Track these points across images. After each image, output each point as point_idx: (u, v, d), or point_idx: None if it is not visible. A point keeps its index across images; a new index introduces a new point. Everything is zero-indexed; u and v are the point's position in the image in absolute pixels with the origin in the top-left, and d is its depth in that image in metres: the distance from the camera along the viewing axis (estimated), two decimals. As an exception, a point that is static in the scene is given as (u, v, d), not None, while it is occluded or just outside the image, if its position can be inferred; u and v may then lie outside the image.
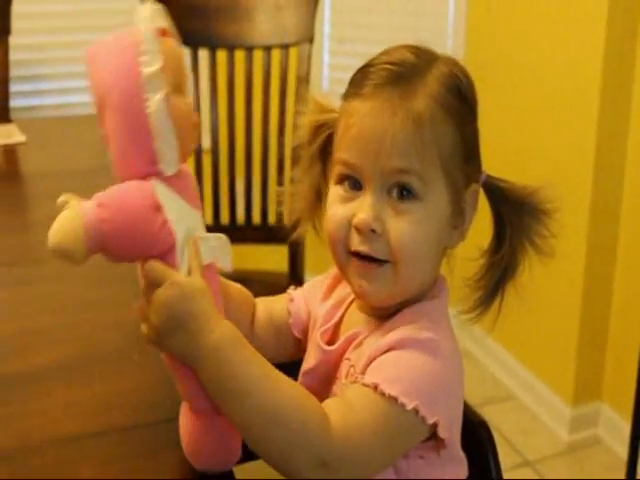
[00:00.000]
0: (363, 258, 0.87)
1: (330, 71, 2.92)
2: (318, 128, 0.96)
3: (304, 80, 2.18)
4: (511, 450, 2.39)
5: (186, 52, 2.16)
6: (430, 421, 0.81)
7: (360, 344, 0.90)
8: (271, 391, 0.79)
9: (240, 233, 2.27)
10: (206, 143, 2.21)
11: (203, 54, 2.25)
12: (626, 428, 2.05)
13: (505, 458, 2.31)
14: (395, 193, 0.86)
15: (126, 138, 0.84)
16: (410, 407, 0.80)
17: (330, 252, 0.90)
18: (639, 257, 2.10)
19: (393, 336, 0.85)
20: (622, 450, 2.17)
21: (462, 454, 0.95)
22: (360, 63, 0.91)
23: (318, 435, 0.78)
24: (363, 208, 0.85)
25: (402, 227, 0.85)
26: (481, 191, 0.93)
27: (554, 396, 2.47)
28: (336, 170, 0.89)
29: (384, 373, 0.83)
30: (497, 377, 2.73)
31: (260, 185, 2.23)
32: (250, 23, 2.17)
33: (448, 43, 2.75)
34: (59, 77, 2.80)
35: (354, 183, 0.87)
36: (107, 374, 1.04)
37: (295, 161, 1.01)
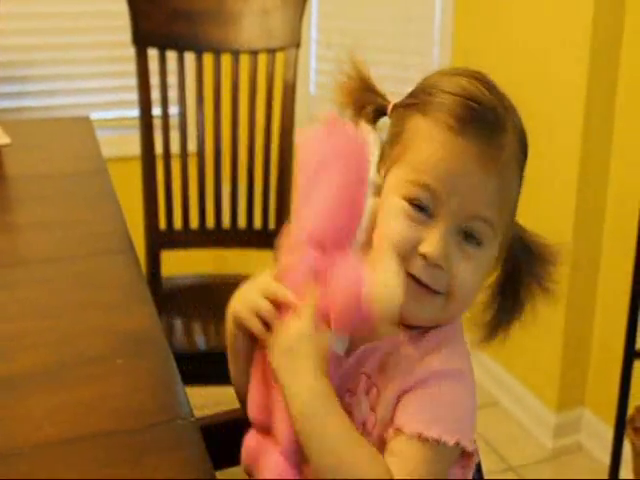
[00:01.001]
0: (417, 281, 0.87)
1: (317, 76, 2.92)
2: (362, 106, 0.95)
3: (291, 85, 2.19)
4: (495, 456, 2.39)
5: (172, 56, 2.16)
6: (470, 449, 0.85)
7: (383, 364, 0.89)
8: (349, 452, 0.81)
9: (226, 237, 2.27)
10: (192, 147, 2.21)
11: (189, 58, 2.25)
12: (609, 434, 2.06)
13: (489, 464, 2.32)
14: (464, 235, 0.87)
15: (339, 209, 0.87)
16: (452, 443, 0.83)
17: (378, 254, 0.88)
18: (622, 266, 2.11)
19: (420, 372, 0.86)
20: (605, 456, 2.17)
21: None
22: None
23: None
24: (434, 239, 0.85)
25: (467, 272, 0.87)
26: None
27: (538, 403, 2.48)
28: (410, 189, 0.87)
29: (420, 415, 0.84)
30: (482, 384, 2.73)
31: (246, 189, 2.23)
32: (237, 27, 2.17)
33: (434, 50, 2.75)
34: (45, 79, 2.79)
35: (425, 208, 0.86)
36: (90, 379, 1.04)
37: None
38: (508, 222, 0.90)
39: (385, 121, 0.96)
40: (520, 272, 0.94)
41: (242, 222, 2.26)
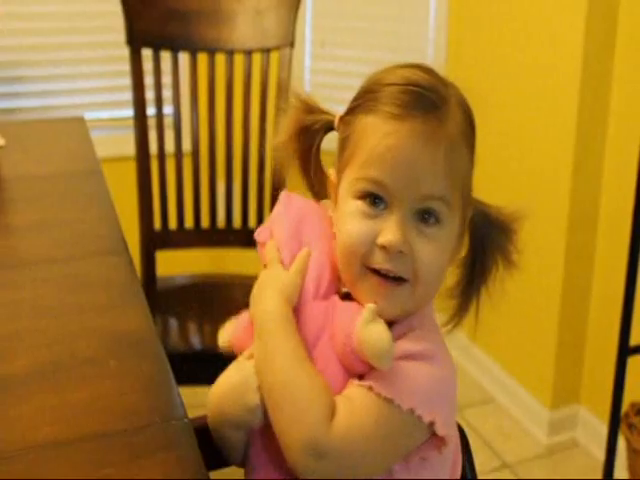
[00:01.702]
0: (382, 275, 0.88)
1: (312, 75, 2.92)
2: (305, 129, 0.97)
3: (285, 84, 2.19)
4: (490, 453, 2.40)
5: (166, 55, 2.17)
6: (427, 420, 0.84)
7: None
8: (295, 368, 0.86)
9: (221, 237, 2.27)
10: (187, 146, 2.21)
11: (184, 57, 2.25)
12: (603, 431, 2.07)
13: (484, 461, 2.33)
14: (420, 216, 0.88)
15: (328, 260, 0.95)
16: (406, 408, 0.83)
17: (343, 264, 0.92)
18: (616, 263, 2.12)
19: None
20: (600, 452, 2.18)
21: (458, 457, 0.98)
22: (342, 67, 0.93)
23: (318, 422, 0.82)
24: (391, 228, 0.86)
25: (429, 252, 0.87)
26: None
27: (533, 399, 2.49)
28: (359, 186, 0.89)
29: (382, 378, 0.86)
30: (477, 380, 2.74)
31: (241, 188, 2.24)
32: (231, 27, 2.17)
33: (429, 49, 2.76)
34: (39, 79, 2.79)
35: (377, 201, 0.88)
36: (85, 380, 1.04)
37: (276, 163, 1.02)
38: (464, 197, 0.90)
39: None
40: (484, 245, 0.95)
41: (237, 222, 2.26)
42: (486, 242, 0.95)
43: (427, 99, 0.86)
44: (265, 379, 0.88)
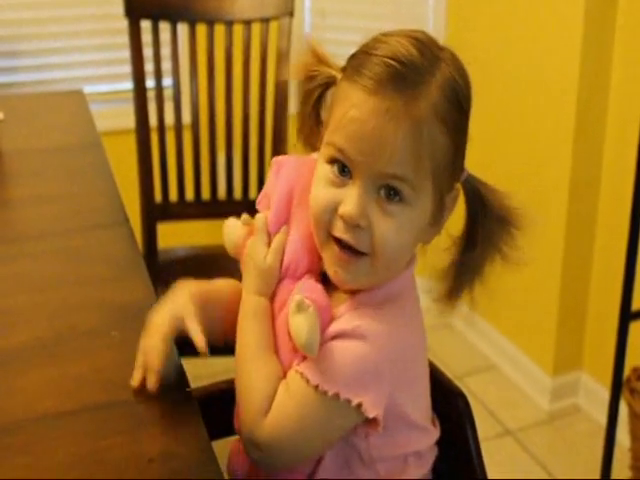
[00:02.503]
0: (343, 246, 0.89)
1: (311, 44, 2.90)
2: (310, 78, 0.96)
3: (285, 54, 2.18)
4: (493, 420, 2.41)
5: (165, 26, 2.15)
6: (354, 402, 0.86)
7: None
8: (251, 359, 0.92)
9: (221, 208, 2.27)
10: (186, 118, 2.20)
11: (182, 28, 2.24)
12: (605, 396, 2.08)
13: (487, 428, 2.35)
14: (384, 193, 0.87)
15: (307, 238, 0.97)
16: (331, 393, 0.86)
17: (312, 228, 0.93)
18: (617, 230, 2.12)
19: (329, 330, 0.90)
20: (602, 418, 2.19)
21: (421, 421, 0.98)
22: (342, 37, 0.92)
23: (255, 415, 0.89)
24: (351, 200, 0.87)
25: (387, 228, 0.87)
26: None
27: (535, 366, 2.50)
28: (328, 151, 0.90)
29: (312, 363, 0.88)
30: (479, 348, 2.75)
31: (241, 160, 2.23)
32: (229, -3, 2.16)
33: (429, 17, 2.74)
34: (37, 53, 2.78)
35: (344, 169, 0.88)
36: (85, 352, 1.05)
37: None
38: (439, 179, 0.89)
39: None
40: (482, 236, 0.94)
41: (238, 193, 2.26)
42: (482, 228, 0.93)
43: (403, 76, 0.85)
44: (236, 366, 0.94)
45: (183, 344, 1.12)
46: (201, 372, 1.68)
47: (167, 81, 2.21)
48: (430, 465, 1.02)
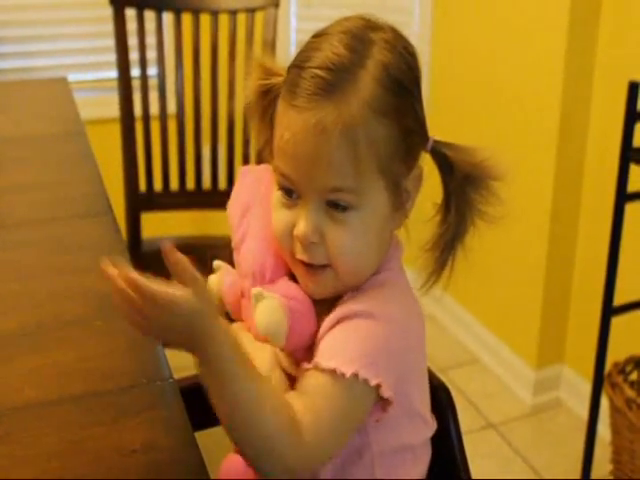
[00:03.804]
0: (306, 264, 0.89)
1: (297, 35, 2.90)
2: (264, 93, 0.95)
3: (270, 45, 2.17)
4: (475, 413, 2.42)
5: (150, 15, 2.14)
6: (373, 382, 0.83)
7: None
8: (248, 404, 0.79)
9: (206, 198, 2.27)
10: (171, 108, 2.19)
11: (168, 17, 2.23)
12: (587, 390, 2.09)
13: (469, 421, 2.35)
14: (331, 205, 0.86)
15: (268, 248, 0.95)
16: (349, 374, 0.82)
17: (279, 251, 0.93)
18: (601, 223, 2.12)
19: (329, 319, 0.88)
20: (584, 412, 2.20)
21: (424, 411, 0.98)
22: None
23: (287, 448, 0.79)
24: (301, 220, 0.87)
25: (340, 237, 0.87)
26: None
27: (518, 359, 2.51)
28: (275, 177, 0.90)
29: (322, 351, 0.86)
30: (462, 341, 2.76)
31: (226, 150, 2.23)
32: (215, -14, 2.15)
33: (415, 8, 2.74)
34: (21, 40, 2.75)
35: (291, 192, 0.88)
36: (69, 341, 1.04)
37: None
38: (386, 169, 0.86)
39: None
40: (457, 201, 0.91)
41: (222, 183, 2.26)
42: (454, 195, 0.91)
43: (329, 84, 0.83)
44: (227, 419, 0.81)
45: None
46: (184, 363, 1.67)
47: (152, 70, 2.20)
48: (426, 464, 1.01)
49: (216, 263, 1.00)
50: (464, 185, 0.90)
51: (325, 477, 0.93)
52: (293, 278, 0.94)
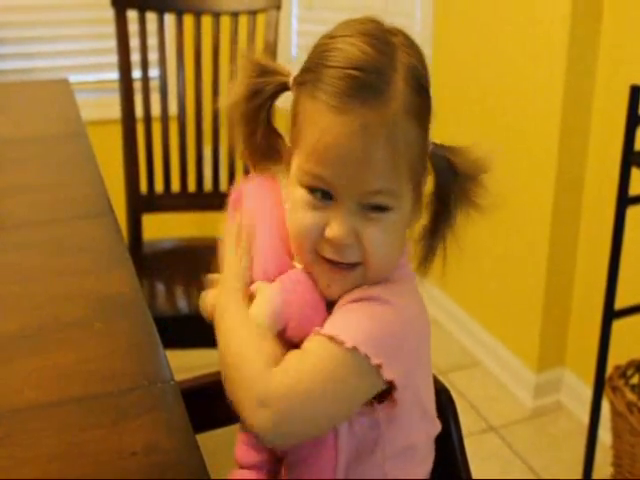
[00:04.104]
0: (334, 263, 0.88)
1: (298, 38, 2.90)
2: (256, 92, 0.94)
3: (272, 47, 2.17)
4: (476, 416, 2.42)
5: (152, 17, 2.14)
6: (374, 361, 0.83)
7: None
8: (239, 334, 0.87)
9: (207, 200, 2.26)
10: (173, 109, 2.19)
11: (169, 19, 2.23)
12: (588, 394, 2.08)
13: (470, 423, 2.35)
14: (367, 208, 0.86)
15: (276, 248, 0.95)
16: (349, 345, 0.82)
17: (295, 250, 0.92)
18: (602, 226, 2.12)
19: (343, 299, 0.89)
20: (584, 415, 2.20)
21: (432, 410, 0.98)
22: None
23: (258, 371, 0.83)
24: (337, 222, 0.86)
25: (376, 236, 0.87)
26: None
27: (519, 363, 2.50)
28: (304, 178, 0.87)
29: (331, 321, 0.87)
30: (463, 344, 2.75)
31: (227, 151, 2.22)
32: (217, -12, 2.15)
33: (417, 11, 2.74)
34: (23, 41, 2.75)
35: (324, 194, 0.87)
36: (69, 343, 1.04)
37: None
38: (415, 170, 0.88)
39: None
40: (448, 191, 0.92)
41: (224, 185, 2.25)
42: (448, 187, 0.92)
43: (367, 85, 0.83)
44: (219, 355, 0.89)
45: (166, 335, 1.12)
46: (186, 364, 1.67)
47: (153, 72, 2.20)
48: (431, 465, 1.00)
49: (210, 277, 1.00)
50: (465, 183, 0.92)
51: (338, 471, 0.92)
52: None
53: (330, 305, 0.92)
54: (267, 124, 0.96)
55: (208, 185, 2.26)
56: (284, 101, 0.97)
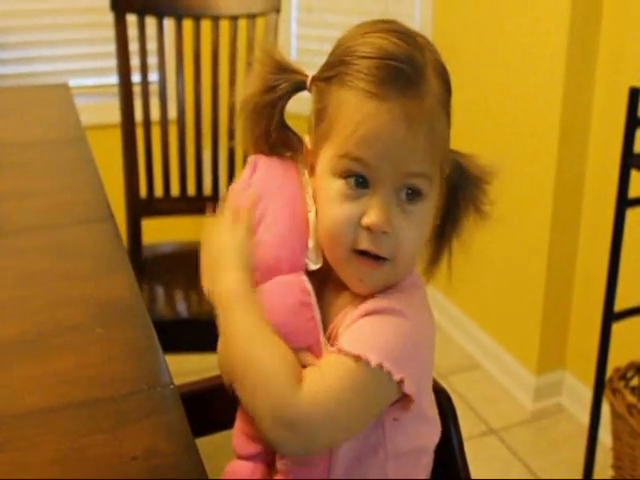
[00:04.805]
0: (367, 255, 0.88)
1: (298, 41, 2.90)
2: (272, 87, 0.94)
3: (271, 50, 2.17)
4: (476, 418, 2.42)
5: (151, 21, 2.14)
6: (397, 377, 0.83)
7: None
8: (255, 340, 0.85)
9: (207, 204, 2.26)
10: (172, 114, 2.19)
11: (169, 23, 2.23)
12: (588, 396, 2.09)
13: (470, 426, 2.35)
14: (404, 194, 0.87)
15: (289, 233, 0.93)
16: (374, 363, 0.83)
17: (328, 248, 0.91)
18: (602, 229, 2.12)
19: (362, 307, 0.88)
20: (585, 418, 2.20)
21: (433, 415, 0.98)
22: (328, 33, 0.90)
23: (282, 389, 0.82)
24: (375, 208, 0.86)
25: (411, 231, 0.88)
26: None
27: (519, 365, 2.51)
28: (341, 164, 0.87)
29: (348, 337, 0.86)
30: (463, 346, 2.75)
31: (227, 155, 2.23)
32: (216, -8, 2.15)
33: (416, 14, 2.74)
34: (22, 46, 2.76)
35: (360, 180, 0.87)
36: (69, 348, 1.04)
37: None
38: (443, 163, 0.90)
39: (306, 95, 0.96)
40: (456, 196, 0.94)
41: (224, 189, 2.25)
42: (457, 192, 0.94)
43: (404, 74, 0.85)
44: (230, 356, 0.87)
45: (165, 339, 1.12)
46: (185, 369, 1.68)
47: (153, 76, 2.21)
48: (429, 469, 1.01)
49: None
50: (472, 188, 0.94)
51: (338, 470, 0.92)
52: (308, 274, 0.93)
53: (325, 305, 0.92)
54: (279, 121, 0.97)
55: (207, 189, 2.26)
56: (297, 106, 0.98)
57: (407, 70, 0.85)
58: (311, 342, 0.90)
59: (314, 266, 0.93)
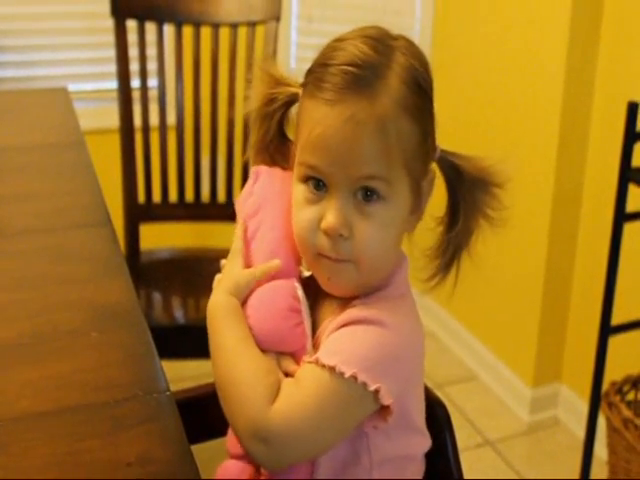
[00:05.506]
0: (329, 258, 0.89)
1: (298, 50, 2.90)
2: (270, 101, 0.96)
3: (270, 58, 2.17)
4: (472, 430, 2.41)
5: (151, 27, 2.14)
6: (372, 387, 0.83)
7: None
8: (237, 356, 0.86)
9: (205, 210, 2.26)
10: (171, 119, 2.19)
11: (169, 30, 2.23)
12: (584, 409, 2.08)
13: (466, 438, 2.35)
14: (361, 195, 0.87)
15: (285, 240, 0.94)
16: (349, 374, 0.83)
17: (299, 250, 0.92)
18: (599, 242, 2.12)
19: (341, 318, 0.88)
20: (581, 431, 2.20)
21: (421, 425, 0.97)
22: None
23: (258, 406, 0.83)
24: (330, 212, 0.87)
25: (369, 231, 0.88)
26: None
27: (515, 378, 2.50)
28: (300, 171, 0.90)
29: (326, 348, 0.86)
30: (460, 358, 2.75)
31: (225, 162, 2.22)
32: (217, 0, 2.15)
33: (416, 25, 2.74)
34: (22, 49, 2.76)
35: (319, 183, 0.88)
36: (65, 352, 1.03)
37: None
38: (412, 167, 0.89)
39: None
40: (462, 204, 0.94)
41: (221, 196, 2.25)
42: (463, 200, 0.93)
43: (357, 77, 0.85)
44: (214, 370, 0.88)
45: (162, 345, 1.12)
46: (181, 375, 1.67)
47: (152, 82, 2.20)
48: (420, 476, 1.00)
49: (223, 262, 0.99)
50: (474, 191, 0.93)
51: (321, 477, 0.92)
52: (307, 282, 0.94)
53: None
54: (278, 133, 0.99)
55: (206, 195, 2.26)
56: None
57: (361, 74, 0.86)
58: (297, 348, 0.90)
59: (308, 272, 0.95)
